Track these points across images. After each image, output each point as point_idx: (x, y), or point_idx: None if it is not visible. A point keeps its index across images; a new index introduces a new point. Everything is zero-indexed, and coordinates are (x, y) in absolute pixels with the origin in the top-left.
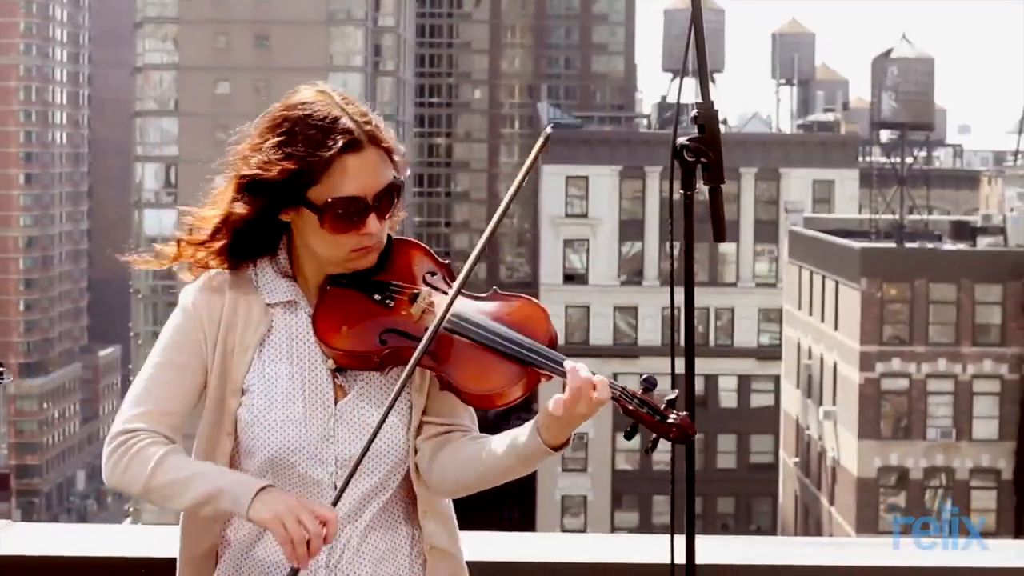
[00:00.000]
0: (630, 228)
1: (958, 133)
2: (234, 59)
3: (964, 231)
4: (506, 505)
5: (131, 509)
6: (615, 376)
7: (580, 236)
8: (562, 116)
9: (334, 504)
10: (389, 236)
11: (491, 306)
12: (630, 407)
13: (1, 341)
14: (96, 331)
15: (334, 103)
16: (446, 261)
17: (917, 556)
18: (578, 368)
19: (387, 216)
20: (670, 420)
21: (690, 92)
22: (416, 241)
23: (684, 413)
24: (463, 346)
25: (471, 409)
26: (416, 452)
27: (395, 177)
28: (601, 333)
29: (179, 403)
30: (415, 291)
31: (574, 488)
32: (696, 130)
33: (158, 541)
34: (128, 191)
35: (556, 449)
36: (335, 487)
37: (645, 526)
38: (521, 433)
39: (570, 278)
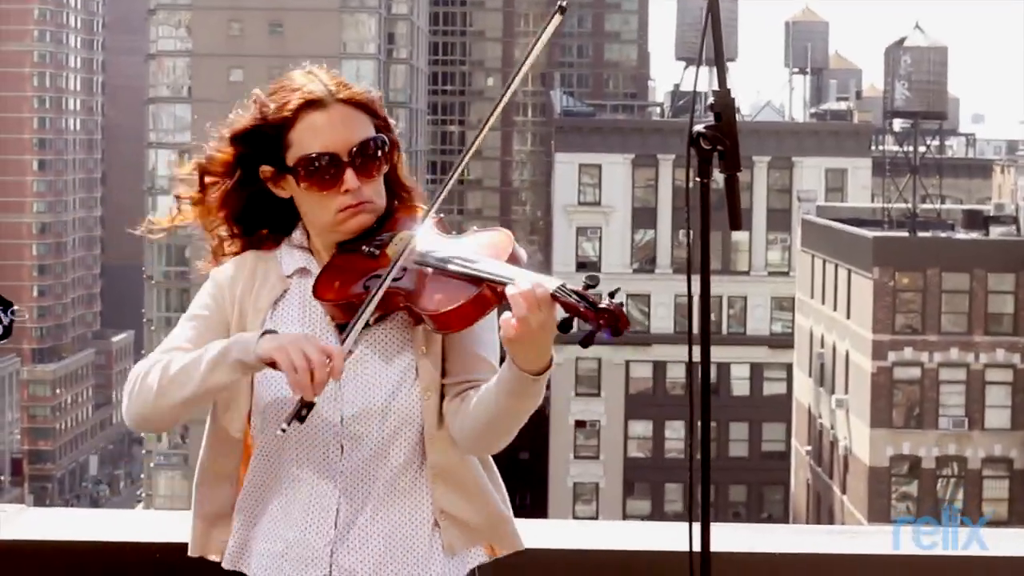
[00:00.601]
0: (643, 216)
1: (971, 122)
2: (247, 46)
3: (977, 220)
4: (518, 492)
5: (143, 494)
6: (627, 364)
7: (593, 224)
8: (575, 104)
9: (342, 343)
10: (393, 202)
11: (462, 240)
12: (565, 300)
13: (15, 327)
14: (109, 317)
15: (313, 77)
16: (441, 216)
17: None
18: (517, 287)
19: (369, 174)
20: (600, 306)
21: (704, 80)
22: (418, 205)
23: (618, 302)
24: (429, 276)
25: (492, 363)
26: (441, 418)
27: (375, 134)
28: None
29: (203, 343)
30: (393, 234)
31: (586, 475)
32: (712, 118)
33: (171, 526)
34: (141, 178)
35: (538, 374)
36: (341, 448)
37: (657, 514)
38: (504, 366)
39: (583, 265)
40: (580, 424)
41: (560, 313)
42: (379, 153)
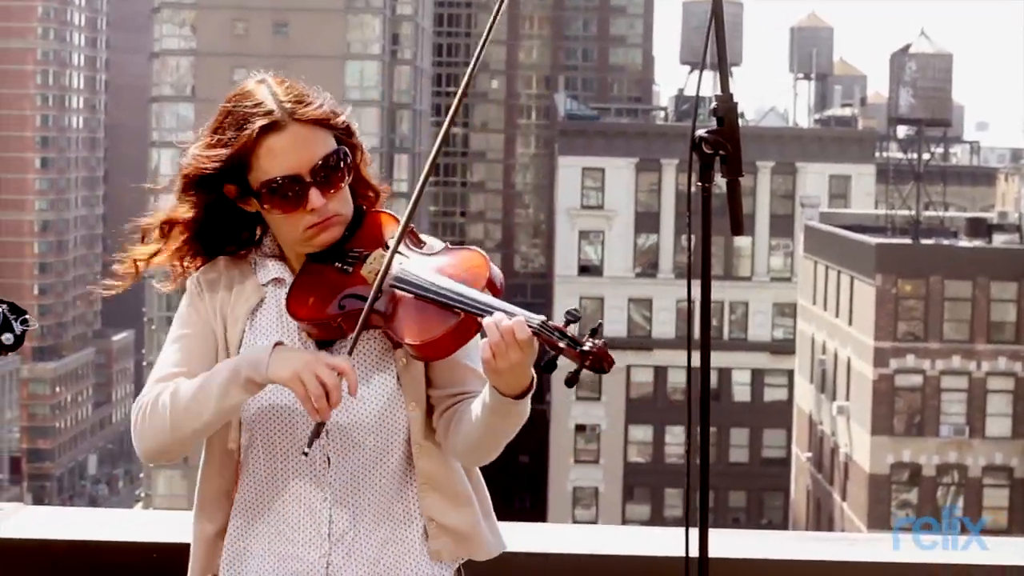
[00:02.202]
0: (646, 220)
1: (975, 130)
2: (252, 46)
3: (980, 228)
4: (517, 495)
5: (142, 494)
6: (628, 368)
7: (596, 228)
8: (579, 108)
9: (349, 353)
10: (360, 207)
11: (437, 260)
12: (552, 340)
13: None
14: (110, 316)
15: (265, 89)
16: (412, 226)
17: (925, 552)
18: (495, 320)
19: (333, 188)
20: (585, 348)
21: (708, 85)
22: (386, 210)
23: (602, 341)
24: (406, 301)
25: (479, 372)
26: (431, 430)
27: (336, 147)
28: (615, 325)
29: (195, 365)
30: (366, 253)
31: (586, 480)
32: (715, 122)
33: (169, 526)
34: (144, 176)
35: (518, 397)
36: (328, 460)
37: (657, 519)
38: (486, 388)
39: (585, 270)
40: (580, 428)
41: (542, 350)
42: (341, 165)
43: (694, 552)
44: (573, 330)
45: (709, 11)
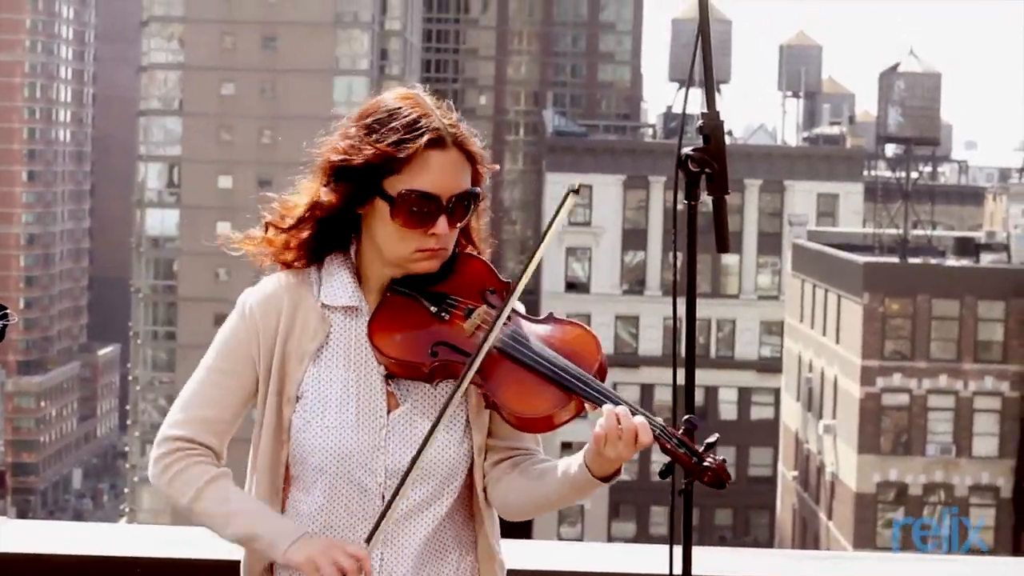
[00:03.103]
0: (633, 237)
1: (964, 149)
2: (240, 60)
3: (968, 247)
4: None
5: (127, 509)
6: (615, 386)
7: (583, 244)
8: (567, 124)
9: (380, 517)
10: (456, 249)
11: (544, 329)
12: (668, 446)
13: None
14: (95, 330)
15: (425, 103)
16: (507, 280)
17: (912, 570)
18: (617, 412)
19: (458, 223)
20: (706, 464)
21: (696, 102)
22: (481, 258)
23: (722, 458)
24: (511, 367)
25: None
26: (484, 475)
27: (474, 187)
28: (602, 342)
29: (226, 410)
30: (471, 306)
31: None
32: (701, 140)
33: (153, 541)
34: (131, 190)
35: (605, 480)
36: (383, 497)
37: (642, 536)
38: (573, 462)
39: (572, 286)
40: (567, 445)
41: (659, 453)
42: (472, 205)
43: (678, 569)
44: (690, 439)
45: (697, 28)
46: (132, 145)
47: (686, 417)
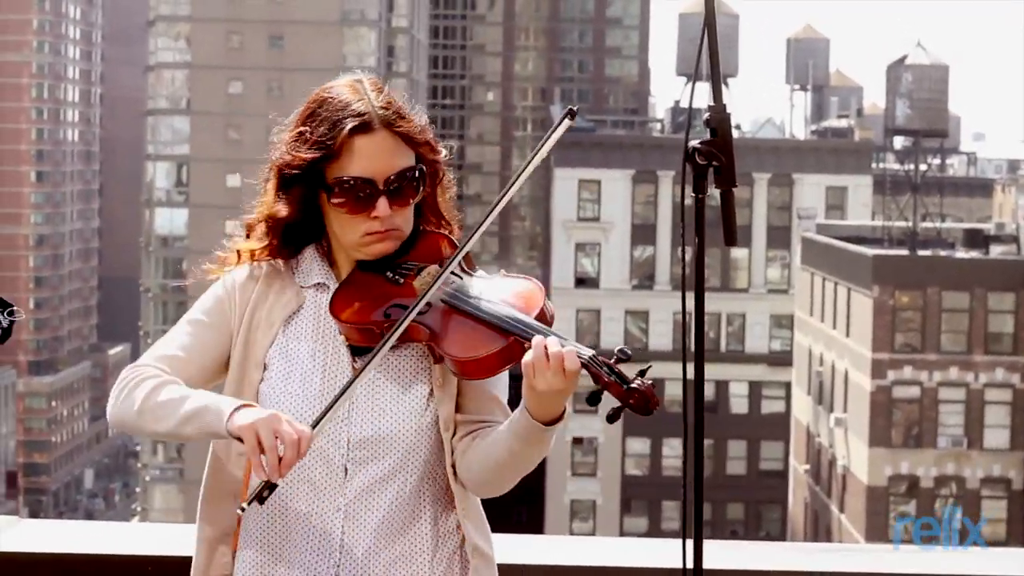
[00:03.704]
0: (642, 232)
1: (972, 140)
2: (247, 58)
3: (977, 239)
4: (515, 508)
5: (138, 508)
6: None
7: (592, 240)
8: (575, 119)
9: (313, 427)
10: (419, 226)
11: (492, 283)
12: (596, 372)
13: (13, 333)
14: (106, 330)
15: (360, 89)
16: (469, 253)
17: (923, 562)
18: (545, 343)
19: (403, 202)
20: (632, 385)
21: (703, 96)
22: (442, 232)
23: (650, 382)
24: (456, 318)
25: (505, 406)
26: (453, 452)
27: (414, 165)
28: (612, 337)
29: (201, 356)
30: (420, 266)
31: (583, 492)
32: (708, 134)
33: (165, 539)
34: (139, 189)
35: (549, 424)
36: (345, 469)
37: (654, 531)
38: (517, 411)
39: (582, 282)
40: (577, 441)
41: (588, 383)
42: (415, 183)
43: (690, 563)
44: (622, 368)
45: (703, 22)
46: (140, 145)
47: (619, 348)
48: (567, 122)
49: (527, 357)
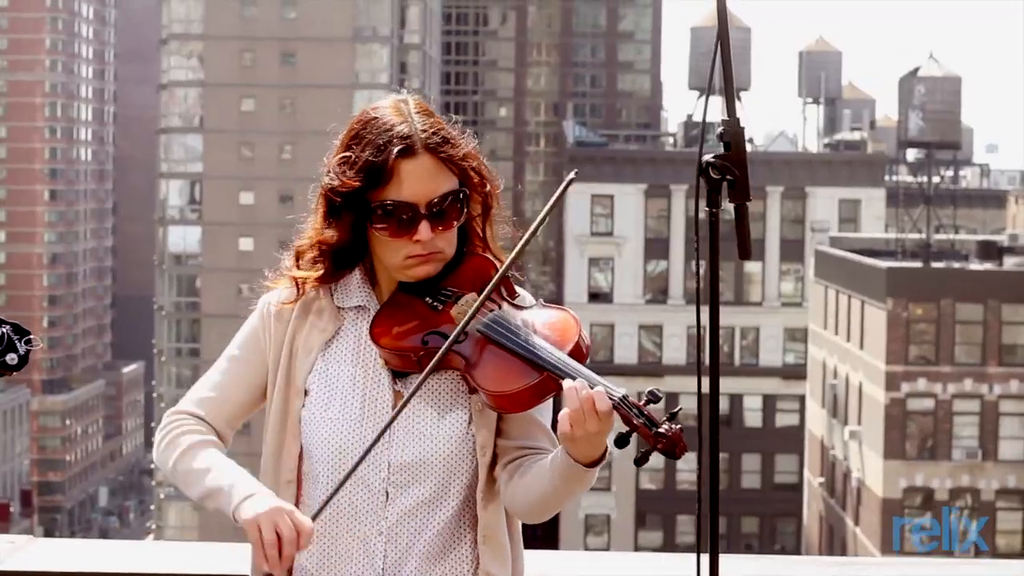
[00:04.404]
0: (655, 246)
1: (985, 152)
2: (259, 76)
3: (991, 251)
4: (529, 524)
5: (153, 526)
6: (639, 395)
7: (605, 254)
8: (588, 134)
9: (335, 490)
10: (464, 249)
11: (529, 315)
12: (626, 415)
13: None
14: (119, 348)
15: (403, 111)
16: (509, 276)
17: (938, 573)
18: (576, 387)
19: (445, 226)
20: (660, 430)
21: (716, 110)
22: (486, 255)
23: (679, 427)
24: (492, 350)
25: (548, 430)
26: (491, 478)
27: (457, 188)
28: (626, 352)
29: (232, 392)
30: (459, 294)
31: (598, 507)
32: (722, 148)
33: (180, 558)
34: (153, 208)
35: (591, 465)
36: (387, 494)
37: (669, 546)
38: (558, 451)
39: (595, 296)
40: None
41: (618, 423)
42: (458, 207)
43: None
44: (652, 410)
45: (715, 36)
46: (153, 163)
47: (649, 389)
48: (571, 185)
49: (563, 411)
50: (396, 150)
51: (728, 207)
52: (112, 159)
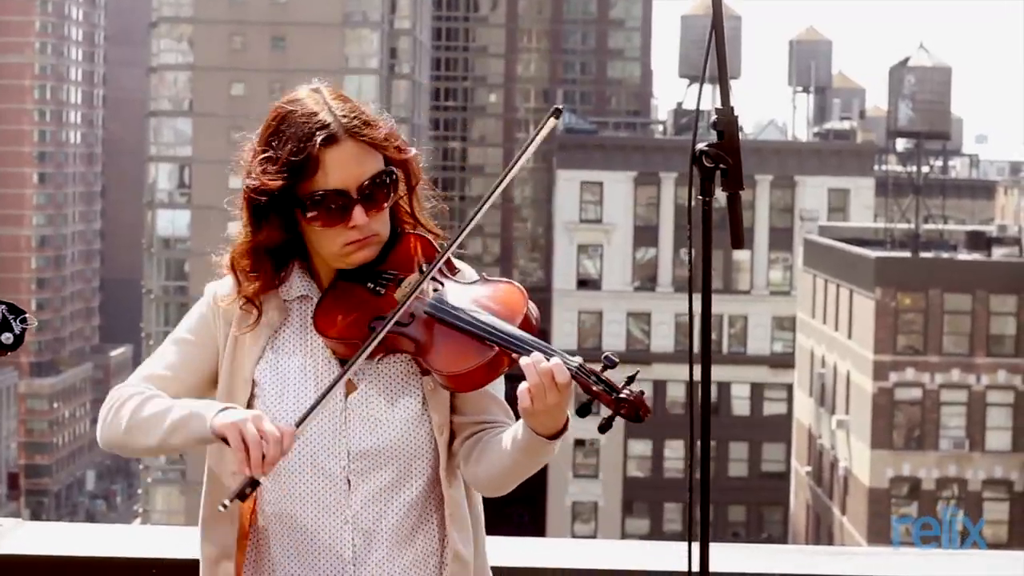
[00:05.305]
0: (644, 234)
1: (975, 143)
2: (249, 60)
3: (979, 241)
4: (516, 510)
5: (140, 510)
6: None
7: (594, 242)
8: (577, 121)
9: (297, 425)
10: (397, 228)
11: (473, 291)
12: (586, 383)
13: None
14: (107, 331)
15: (319, 100)
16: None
17: (924, 565)
18: (533, 361)
19: (377, 208)
20: (621, 395)
21: (708, 98)
22: (417, 232)
23: (640, 390)
24: (439, 330)
25: (503, 402)
26: (451, 455)
27: (384, 168)
28: (614, 339)
29: (189, 376)
30: (400, 277)
31: (585, 494)
32: (714, 136)
33: (168, 541)
34: (141, 191)
35: (552, 437)
36: (348, 481)
37: (656, 533)
38: (519, 426)
39: (584, 284)
40: (579, 443)
41: (578, 393)
42: (387, 187)
43: (696, 566)
44: (610, 376)
45: (708, 24)
46: (142, 146)
47: (605, 354)
48: (552, 121)
49: (522, 386)
50: (319, 140)
51: (720, 195)
52: (101, 142)
